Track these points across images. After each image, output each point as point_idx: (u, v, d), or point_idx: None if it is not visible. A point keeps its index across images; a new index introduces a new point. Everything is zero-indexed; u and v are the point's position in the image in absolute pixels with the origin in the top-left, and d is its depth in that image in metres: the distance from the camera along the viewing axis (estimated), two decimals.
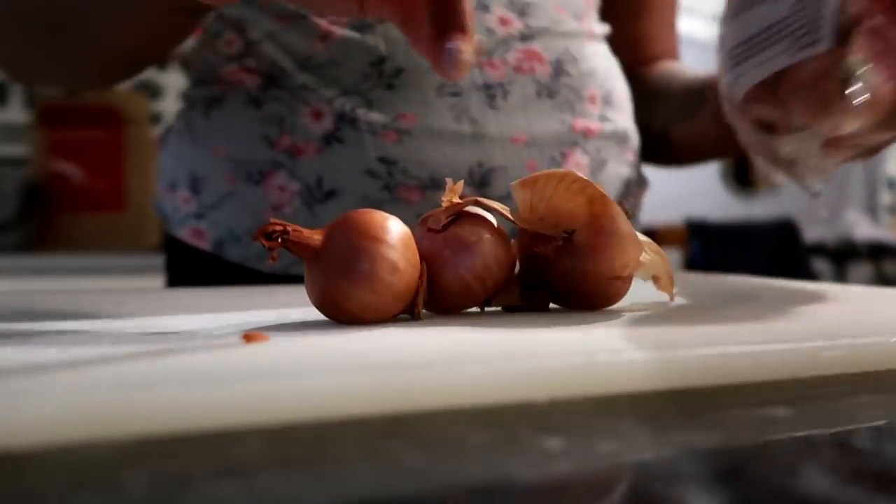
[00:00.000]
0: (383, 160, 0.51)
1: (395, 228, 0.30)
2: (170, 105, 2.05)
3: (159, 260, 0.69)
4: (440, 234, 0.32)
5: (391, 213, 0.52)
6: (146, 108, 1.86)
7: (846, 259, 3.25)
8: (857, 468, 0.17)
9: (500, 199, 0.53)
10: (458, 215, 0.33)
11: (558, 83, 0.56)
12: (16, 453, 0.17)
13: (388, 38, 0.52)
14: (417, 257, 0.31)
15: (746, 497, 0.16)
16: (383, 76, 0.52)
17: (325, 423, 0.20)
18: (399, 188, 0.52)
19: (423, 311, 0.32)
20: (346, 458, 0.18)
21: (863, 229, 3.36)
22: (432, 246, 0.32)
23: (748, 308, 0.35)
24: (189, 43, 0.57)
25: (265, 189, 0.53)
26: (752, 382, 0.25)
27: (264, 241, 0.29)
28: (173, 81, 2.00)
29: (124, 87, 1.60)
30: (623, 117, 0.62)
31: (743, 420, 0.21)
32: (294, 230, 0.29)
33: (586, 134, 0.57)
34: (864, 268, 3.29)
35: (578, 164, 0.56)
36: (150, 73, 1.94)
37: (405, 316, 0.32)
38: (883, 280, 3.24)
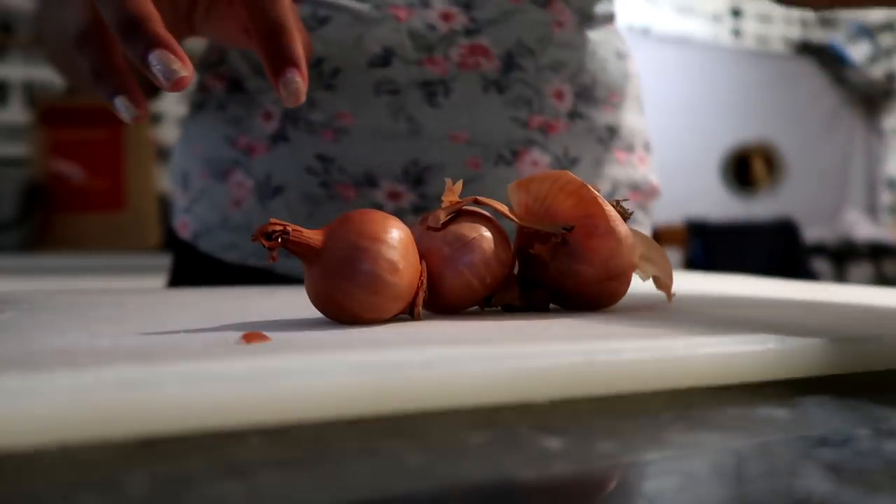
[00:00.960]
0: (321, 158, 0.53)
1: (395, 228, 0.30)
2: (170, 106, 2.05)
3: (159, 260, 0.70)
4: (439, 232, 0.32)
5: (328, 209, 0.54)
6: None
7: (846, 259, 3.25)
8: (857, 468, 0.17)
9: (437, 197, 0.53)
10: (458, 214, 0.33)
11: (509, 78, 0.53)
12: (16, 453, 0.17)
13: (325, 39, 0.52)
14: (417, 257, 0.31)
15: (746, 497, 0.16)
16: (322, 77, 0.53)
17: (325, 423, 0.20)
18: (336, 185, 0.53)
19: (423, 311, 0.32)
20: (346, 458, 0.18)
21: (863, 229, 3.36)
22: (432, 244, 0.32)
23: (748, 308, 0.35)
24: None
25: (228, 185, 0.56)
26: (752, 382, 0.25)
27: (264, 242, 0.29)
28: None
29: None
30: (608, 112, 0.58)
31: (743, 420, 0.21)
32: (294, 230, 0.29)
33: (547, 131, 0.55)
34: (864, 268, 3.29)
35: (536, 162, 0.54)
36: None
37: (405, 316, 0.32)
38: (883, 280, 3.24)
